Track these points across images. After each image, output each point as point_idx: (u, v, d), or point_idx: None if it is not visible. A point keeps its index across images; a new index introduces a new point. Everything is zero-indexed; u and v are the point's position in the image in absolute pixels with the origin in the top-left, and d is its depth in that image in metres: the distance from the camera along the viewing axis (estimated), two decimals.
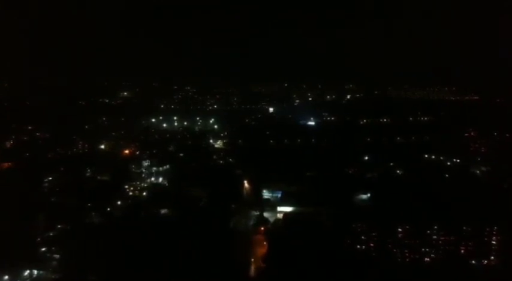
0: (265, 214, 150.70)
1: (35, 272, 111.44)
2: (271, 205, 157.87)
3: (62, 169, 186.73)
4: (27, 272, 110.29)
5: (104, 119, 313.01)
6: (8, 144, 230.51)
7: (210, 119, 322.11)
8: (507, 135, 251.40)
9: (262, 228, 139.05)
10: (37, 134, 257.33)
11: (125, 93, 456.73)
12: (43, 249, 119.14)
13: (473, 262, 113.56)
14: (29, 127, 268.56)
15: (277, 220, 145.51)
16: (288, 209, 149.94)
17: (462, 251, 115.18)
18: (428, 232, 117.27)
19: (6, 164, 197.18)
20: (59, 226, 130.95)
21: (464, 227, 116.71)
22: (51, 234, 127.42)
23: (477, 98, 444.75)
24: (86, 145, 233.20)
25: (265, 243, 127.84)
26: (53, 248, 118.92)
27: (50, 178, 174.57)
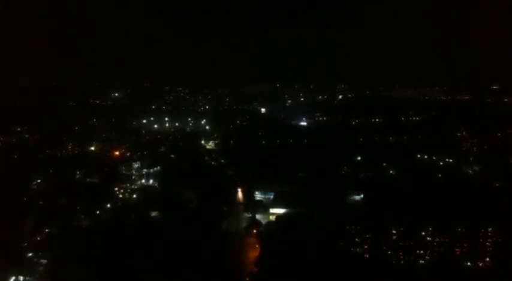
0: (258, 216, 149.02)
1: (21, 278, 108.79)
2: (264, 207, 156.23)
3: (51, 171, 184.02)
4: (13, 279, 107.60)
5: (95, 120, 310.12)
6: None
7: (202, 120, 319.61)
8: (499, 134, 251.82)
9: (255, 230, 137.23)
10: (26, 135, 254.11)
11: (116, 94, 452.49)
12: (30, 254, 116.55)
13: (469, 263, 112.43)
14: (18, 128, 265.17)
15: (270, 222, 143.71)
16: (281, 210, 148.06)
17: (457, 252, 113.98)
18: (423, 233, 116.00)
19: None
20: (47, 230, 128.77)
21: (458, 229, 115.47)
22: (38, 238, 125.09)
23: (468, 97, 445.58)
24: (76, 147, 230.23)
25: (257, 246, 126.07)
26: (40, 253, 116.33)
27: (39, 181, 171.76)
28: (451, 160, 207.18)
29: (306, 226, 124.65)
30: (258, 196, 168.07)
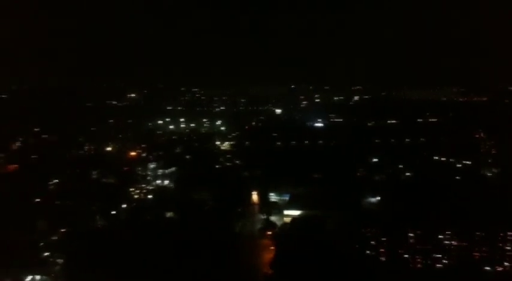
0: (272, 218, 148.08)
1: (38, 277, 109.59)
2: (279, 208, 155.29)
3: (68, 171, 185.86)
4: (29, 278, 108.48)
5: (111, 121, 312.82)
6: (15, 146, 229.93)
7: (217, 121, 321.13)
8: None
9: (269, 232, 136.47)
10: (44, 136, 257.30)
11: (132, 95, 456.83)
12: (46, 253, 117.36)
13: (487, 268, 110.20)
14: (36, 129, 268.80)
15: (285, 223, 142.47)
16: (296, 212, 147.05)
17: (475, 256, 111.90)
18: (441, 236, 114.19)
19: (12, 167, 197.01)
20: (63, 230, 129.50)
21: (477, 232, 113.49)
22: (55, 238, 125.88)
23: (485, 98, 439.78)
24: (93, 147, 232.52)
25: (272, 248, 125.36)
26: (57, 252, 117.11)
27: (56, 181, 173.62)
28: (468, 162, 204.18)
29: (321, 229, 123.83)
30: (273, 197, 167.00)
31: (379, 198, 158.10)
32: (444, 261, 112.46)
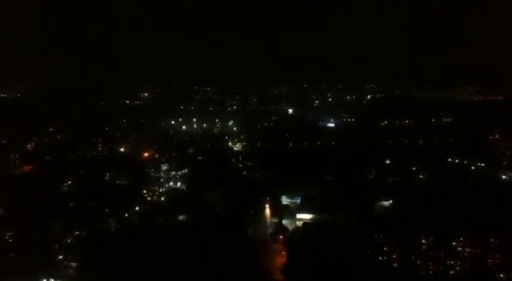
0: (284, 221, 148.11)
1: (51, 280, 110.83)
2: (290, 212, 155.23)
3: (82, 172, 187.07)
4: None
5: (124, 120, 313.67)
6: (30, 146, 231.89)
7: (229, 121, 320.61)
8: None
9: (281, 236, 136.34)
10: (58, 136, 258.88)
11: (145, 94, 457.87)
12: (60, 257, 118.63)
13: (501, 275, 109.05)
14: (51, 129, 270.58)
15: (297, 227, 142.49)
16: (308, 216, 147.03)
17: (489, 263, 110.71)
18: (454, 243, 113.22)
19: (26, 167, 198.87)
20: (77, 233, 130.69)
21: (491, 238, 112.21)
22: (68, 241, 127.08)
23: (501, 98, 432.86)
24: (106, 148, 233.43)
25: (284, 253, 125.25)
26: (70, 255, 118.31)
27: (69, 182, 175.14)
28: (482, 164, 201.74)
29: (333, 233, 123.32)
30: (285, 200, 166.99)
31: (392, 201, 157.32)
32: (457, 268, 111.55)
